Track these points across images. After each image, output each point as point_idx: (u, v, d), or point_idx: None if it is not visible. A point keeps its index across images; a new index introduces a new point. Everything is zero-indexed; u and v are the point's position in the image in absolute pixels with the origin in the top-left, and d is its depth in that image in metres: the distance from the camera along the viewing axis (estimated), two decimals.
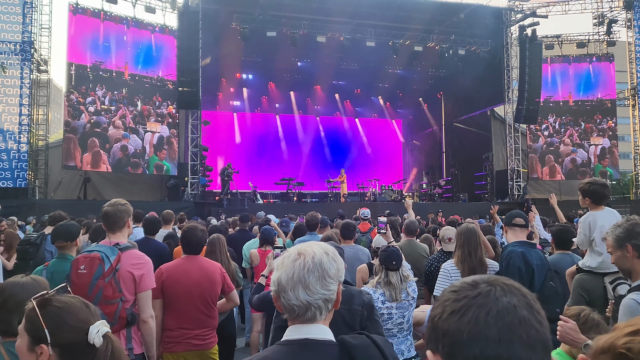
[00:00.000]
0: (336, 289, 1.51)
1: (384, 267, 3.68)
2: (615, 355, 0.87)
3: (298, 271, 1.46)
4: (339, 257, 1.56)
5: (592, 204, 3.92)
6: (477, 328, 0.82)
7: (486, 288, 0.88)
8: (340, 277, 1.52)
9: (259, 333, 5.84)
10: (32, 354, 1.54)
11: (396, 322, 3.62)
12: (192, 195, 16.60)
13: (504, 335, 0.82)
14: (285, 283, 1.47)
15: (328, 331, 1.50)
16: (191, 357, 3.78)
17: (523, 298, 0.87)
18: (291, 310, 1.48)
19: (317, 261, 1.48)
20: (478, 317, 0.83)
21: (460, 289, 0.90)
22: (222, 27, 18.42)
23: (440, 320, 0.87)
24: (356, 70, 22.91)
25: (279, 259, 1.55)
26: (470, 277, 0.94)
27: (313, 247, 1.54)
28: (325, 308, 1.48)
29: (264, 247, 5.91)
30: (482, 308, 0.84)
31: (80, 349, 1.54)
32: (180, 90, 16.01)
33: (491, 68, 20.94)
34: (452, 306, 0.87)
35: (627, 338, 0.87)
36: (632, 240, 2.42)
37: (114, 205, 3.42)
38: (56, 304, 1.58)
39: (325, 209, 14.60)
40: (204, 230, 4.06)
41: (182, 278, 3.78)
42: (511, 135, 20.91)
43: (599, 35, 22.97)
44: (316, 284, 1.46)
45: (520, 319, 0.83)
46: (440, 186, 22.66)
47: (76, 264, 3.20)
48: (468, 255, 4.04)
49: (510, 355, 0.81)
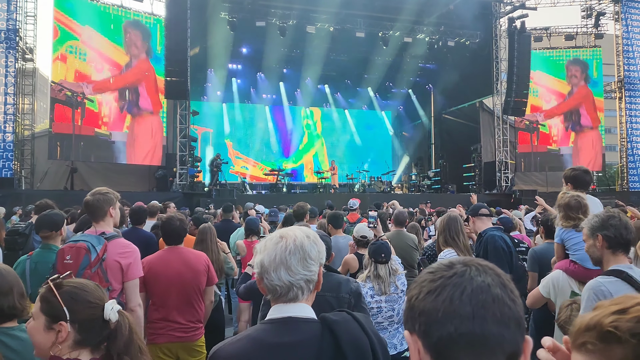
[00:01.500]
0: (317, 271, 1.57)
1: (373, 260, 3.70)
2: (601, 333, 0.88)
3: (280, 253, 1.51)
4: (320, 240, 1.61)
5: (574, 190, 3.88)
6: (452, 306, 0.85)
7: (462, 268, 0.90)
8: (321, 259, 1.58)
9: (247, 323, 5.86)
10: (50, 333, 1.64)
11: (386, 316, 3.66)
12: (181, 185, 16.52)
13: (478, 312, 0.84)
14: (268, 265, 1.52)
15: (310, 310, 1.55)
16: (175, 348, 3.75)
17: (497, 277, 0.89)
18: (274, 290, 1.53)
19: (298, 244, 1.53)
20: (453, 296, 0.85)
21: (437, 269, 0.92)
22: (211, 17, 18.25)
23: (417, 300, 0.89)
24: (346, 61, 22.86)
25: (262, 242, 1.60)
26: (447, 259, 0.96)
27: (295, 230, 1.59)
28: (307, 288, 1.54)
29: (250, 238, 5.92)
30: (457, 287, 0.86)
31: (97, 325, 1.66)
32: (169, 80, 15.85)
33: (480, 60, 21.01)
34: (429, 286, 0.89)
35: (614, 316, 0.88)
36: (604, 231, 2.50)
37: (94, 195, 3.37)
38: (72, 284, 1.71)
39: (314, 200, 14.61)
40: (182, 220, 4.00)
41: (163, 269, 3.74)
42: (499, 127, 21.03)
43: (587, 28, 23.11)
44: (297, 265, 1.51)
45: (493, 297, 0.85)
46: (429, 177, 22.77)
47: (62, 254, 3.18)
48: (452, 239, 4.06)
49: (484, 332, 0.83)
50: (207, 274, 3.91)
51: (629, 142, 23.30)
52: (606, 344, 0.87)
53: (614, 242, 2.49)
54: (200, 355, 3.86)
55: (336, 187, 19.97)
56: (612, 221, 2.50)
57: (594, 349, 0.88)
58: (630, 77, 23.26)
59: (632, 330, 0.85)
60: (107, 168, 17.12)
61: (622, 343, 0.85)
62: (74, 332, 1.63)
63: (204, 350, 3.90)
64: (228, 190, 16.25)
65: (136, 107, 17.27)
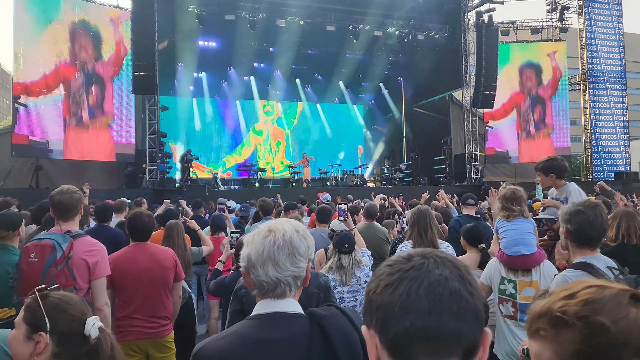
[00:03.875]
0: (306, 267, 1.53)
1: (337, 250, 3.72)
2: (551, 319, 0.90)
3: (268, 248, 1.46)
4: (309, 235, 1.56)
5: (557, 180, 4.00)
6: (408, 301, 0.83)
7: (420, 261, 0.88)
8: (310, 254, 1.54)
9: (217, 320, 5.84)
10: (29, 343, 1.61)
11: (348, 306, 3.68)
12: (151, 182, 16.24)
13: (434, 306, 0.82)
14: (255, 259, 1.47)
15: (297, 305, 1.51)
16: (144, 345, 3.71)
17: (455, 270, 0.87)
18: (260, 286, 1.48)
19: (287, 238, 1.48)
20: (410, 290, 0.84)
21: (395, 262, 0.90)
22: (179, 10, 17.94)
23: (375, 294, 0.87)
24: (316, 55, 22.80)
25: (249, 235, 1.54)
26: (406, 251, 0.94)
27: (284, 224, 1.54)
28: (294, 285, 1.50)
29: (217, 234, 5.91)
30: (414, 281, 0.85)
31: (76, 339, 1.62)
32: (136, 74, 15.48)
33: (449, 53, 21.24)
34: (386, 280, 0.87)
35: (562, 302, 0.90)
36: (568, 225, 2.52)
37: (67, 193, 3.29)
38: (56, 296, 1.69)
39: (287, 194, 14.59)
40: (149, 216, 3.95)
41: (130, 266, 3.69)
42: (469, 120, 21.34)
43: (552, 22, 23.62)
44: (286, 261, 1.47)
45: (451, 290, 0.84)
46: (401, 170, 22.97)
47: (26, 252, 3.11)
48: (419, 235, 4.13)
49: (440, 326, 0.81)
50: (175, 270, 3.87)
51: (593, 133, 23.97)
52: (556, 330, 0.89)
53: (574, 237, 2.51)
54: (169, 351, 3.83)
55: (308, 182, 19.98)
56: (577, 217, 2.49)
57: (546, 334, 0.90)
58: (593, 70, 23.91)
59: (578, 314, 0.87)
60: (74, 165, 16.68)
61: (570, 327, 0.87)
62: (52, 345, 1.60)
63: (173, 347, 3.87)
64: (199, 186, 16.08)
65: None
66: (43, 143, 15.69)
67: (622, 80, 24.39)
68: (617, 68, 24.32)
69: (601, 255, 2.54)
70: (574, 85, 24.88)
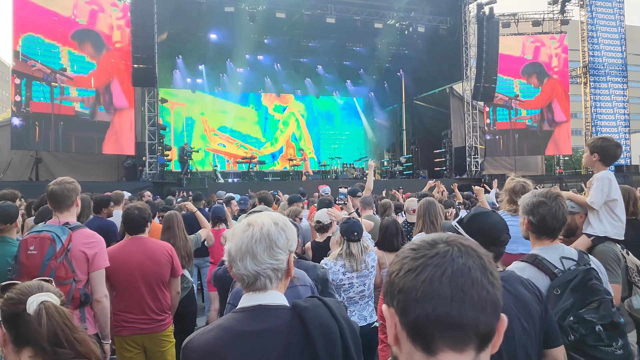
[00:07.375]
0: (286, 259, 1.54)
1: (346, 238, 3.73)
2: None
3: (246, 242, 1.49)
4: (289, 227, 1.58)
5: (599, 163, 3.51)
6: (431, 287, 0.85)
7: (444, 248, 0.90)
8: (290, 246, 1.55)
9: (217, 312, 5.85)
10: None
11: (357, 290, 3.76)
12: (151, 175, 16.23)
13: (456, 295, 0.84)
14: (235, 254, 1.50)
15: (281, 297, 1.54)
16: (140, 340, 3.69)
17: (478, 259, 0.89)
18: (242, 279, 1.52)
19: (265, 232, 1.50)
20: (433, 277, 0.86)
21: (419, 247, 0.92)
22: (179, 2, 17.84)
23: (397, 277, 0.90)
24: (316, 48, 22.70)
25: (231, 230, 1.58)
26: (430, 236, 0.95)
27: (263, 217, 1.56)
28: (275, 277, 1.52)
29: (217, 226, 5.91)
30: (438, 268, 0.87)
31: (24, 320, 1.53)
32: (136, 67, 15.43)
33: (450, 46, 21.13)
34: (410, 264, 0.89)
35: None
36: (530, 216, 2.45)
37: (61, 184, 3.28)
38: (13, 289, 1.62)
39: (286, 187, 14.58)
40: (141, 209, 3.87)
41: (124, 261, 3.63)
42: (469, 113, 21.29)
43: (554, 14, 23.50)
44: (264, 254, 1.49)
45: (473, 280, 0.86)
46: (401, 163, 22.94)
47: (25, 244, 3.10)
48: (431, 223, 4.17)
49: (460, 315, 0.84)
50: (171, 265, 3.81)
51: (593, 126, 23.93)
52: None
53: (536, 228, 2.45)
54: (168, 344, 3.80)
55: (309, 175, 19.96)
56: (541, 208, 2.42)
57: None
58: (594, 62, 23.84)
59: None
60: (74, 158, 16.68)
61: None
62: (6, 332, 1.56)
63: (171, 339, 3.84)
64: (199, 179, 16.09)
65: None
66: None
67: (623, 72, 24.33)
68: (618, 61, 24.25)
69: (561, 245, 2.47)
70: (575, 78, 24.80)
